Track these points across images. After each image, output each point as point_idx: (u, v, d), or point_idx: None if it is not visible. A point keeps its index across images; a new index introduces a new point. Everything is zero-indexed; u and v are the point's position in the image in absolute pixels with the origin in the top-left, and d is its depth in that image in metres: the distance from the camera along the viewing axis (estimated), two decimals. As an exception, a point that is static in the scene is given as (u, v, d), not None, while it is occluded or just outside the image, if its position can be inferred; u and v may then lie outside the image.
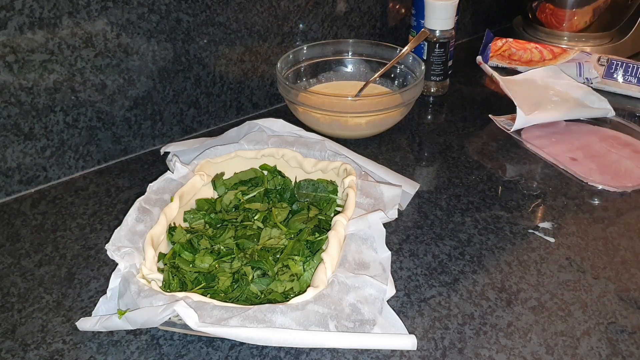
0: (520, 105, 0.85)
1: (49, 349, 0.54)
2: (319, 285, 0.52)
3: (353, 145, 0.77)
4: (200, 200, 0.68)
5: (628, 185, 0.74)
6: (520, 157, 0.82)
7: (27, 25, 0.68)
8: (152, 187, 0.66)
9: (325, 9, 0.98)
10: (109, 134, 0.81)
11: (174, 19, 0.80)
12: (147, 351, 0.53)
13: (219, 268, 0.59)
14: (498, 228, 0.68)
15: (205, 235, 0.62)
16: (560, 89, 0.93)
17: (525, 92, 0.91)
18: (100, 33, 0.74)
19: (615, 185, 0.74)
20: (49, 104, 0.74)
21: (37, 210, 0.73)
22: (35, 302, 0.59)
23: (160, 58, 0.81)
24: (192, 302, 0.51)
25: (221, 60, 0.88)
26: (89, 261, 0.65)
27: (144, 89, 0.82)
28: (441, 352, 0.53)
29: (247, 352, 0.53)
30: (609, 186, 0.74)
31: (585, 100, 0.91)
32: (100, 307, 0.56)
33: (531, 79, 0.96)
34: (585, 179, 0.75)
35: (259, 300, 0.55)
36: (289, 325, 0.49)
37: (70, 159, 0.79)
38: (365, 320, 0.51)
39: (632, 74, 0.96)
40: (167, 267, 0.58)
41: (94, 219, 0.71)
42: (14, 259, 0.65)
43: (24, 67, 0.70)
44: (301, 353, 0.53)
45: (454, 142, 0.86)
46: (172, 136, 0.88)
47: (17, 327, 0.56)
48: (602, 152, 0.81)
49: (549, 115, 0.86)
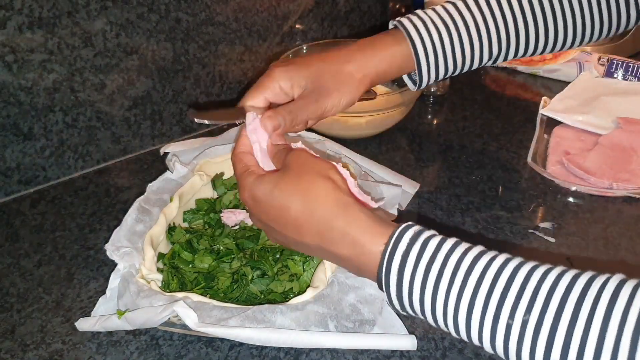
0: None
1: (48, 349, 0.54)
2: (318, 285, 0.52)
3: (353, 145, 0.77)
4: (199, 200, 0.67)
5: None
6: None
7: (27, 24, 0.68)
8: (151, 187, 0.66)
9: (325, 9, 0.98)
10: (108, 133, 0.81)
11: (173, 18, 0.80)
12: (146, 351, 0.53)
13: (218, 268, 0.58)
14: (498, 228, 0.68)
15: (204, 235, 0.62)
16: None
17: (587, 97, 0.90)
18: (100, 33, 0.74)
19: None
20: (48, 104, 0.74)
21: (37, 210, 0.73)
22: (34, 302, 0.59)
23: (160, 58, 0.81)
24: (192, 302, 0.51)
25: (221, 60, 0.88)
26: (89, 261, 0.65)
27: (143, 88, 0.82)
28: (441, 353, 0.53)
29: (247, 352, 0.53)
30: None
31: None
32: (99, 307, 0.56)
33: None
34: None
35: (258, 300, 0.55)
36: (288, 325, 0.49)
37: (69, 158, 0.79)
38: (365, 320, 0.51)
39: (633, 73, 0.96)
40: (167, 267, 0.58)
41: (94, 219, 0.71)
42: (13, 259, 0.65)
43: (23, 67, 0.70)
44: (301, 353, 0.53)
45: (454, 142, 0.86)
46: (172, 136, 0.88)
47: (17, 328, 0.56)
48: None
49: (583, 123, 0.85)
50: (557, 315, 0.36)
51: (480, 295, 0.39)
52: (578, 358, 0.34)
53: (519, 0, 0.60)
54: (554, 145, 0.82)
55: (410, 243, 0.42)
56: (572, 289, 0.36)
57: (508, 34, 0.60)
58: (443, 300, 0.40)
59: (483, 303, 0.38)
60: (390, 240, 0.43)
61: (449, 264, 0.40)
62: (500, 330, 0.38)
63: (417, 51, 0.59)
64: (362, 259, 0.44)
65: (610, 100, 0.89)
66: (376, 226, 0.44)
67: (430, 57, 0.60)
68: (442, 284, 0.40)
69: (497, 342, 0.38)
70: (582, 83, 0.93)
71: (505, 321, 0.37)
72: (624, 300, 0.34)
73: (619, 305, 0.34)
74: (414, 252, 0.42)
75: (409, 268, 0.41)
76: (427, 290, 0.41)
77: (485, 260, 0.40)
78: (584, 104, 0.88)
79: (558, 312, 0.36)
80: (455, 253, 0.41)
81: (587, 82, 0.94)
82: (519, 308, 0.37)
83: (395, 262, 0.42)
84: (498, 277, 0.39)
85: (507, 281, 0.38)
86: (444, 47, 0.60)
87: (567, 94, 0.91)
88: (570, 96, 0.91)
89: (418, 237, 0.42)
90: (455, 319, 0.40)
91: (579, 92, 0.92)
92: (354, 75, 0.57)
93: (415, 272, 0.41)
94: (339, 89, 0.56)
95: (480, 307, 0.39)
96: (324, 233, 0.45)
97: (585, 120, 0.84)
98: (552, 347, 0.36)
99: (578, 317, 0.35)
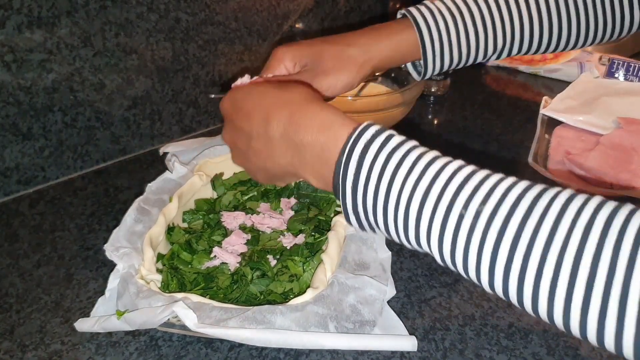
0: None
1: (47, 350, 0.54)
2: (318, 286, 0.52)
3: (353, 145, 0.77)
4: (199, 201, 0.67)
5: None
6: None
7: (26, 24, 0.68)
8: (151, 187, 0.65)
9: (325, 9, 0.98)
10: (107, 133, 0.81)
11: (173, 18, 0.80)
12: (146, 352, 0.53)
13: (218, 269, 0.58)
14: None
15: (204, 236, 0.62)
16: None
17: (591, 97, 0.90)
18: (99, 32, 0.74)
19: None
20: (47, 104, 0.73)
21: (36, 210, 0.73)
22: (33, 303, 0.59)
23: (159, 57, 0.81)
24: (191, 302, 0.50)
25: (220, 59, 0.88)
26: (88, 262, 0.64)
27: (142, 88, 0.81)
28: (442, 354, 0.52)
29: (247, 353, 0.53)
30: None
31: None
32: (98, 307, 0.56)
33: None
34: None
35: (258, 301, 0.55)
36: (288, 326, 0.49)
37: (68, 159, 0.78)
38: (366, 321, 0.51)
39: (634, 73, 0.95)
40: (166, 267, 0.58)
41: (93, 219, 0.71)
42: (12, 260, 0.65)
43: (22, 67, 0.70)
44: (301, 354, 0.53)
45: (454, 142, 0.85)
46: (171, 136, 0.88)
47: (16, 328, 0.56)
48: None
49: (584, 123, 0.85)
50: (512, 208, 0.34)
51: (435, 187, 0.37)
52: (527, 248, 0.33)
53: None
54: (555, 145, 0.82)
55: (377, 133, 0.41)
56: (530, 189, 0.35)
57: (513, 27, 0.60)
58: (398, 190, 0.39)
59: (438, 194, 0.37)
60: (358, 127, 0.41)
61: (409, 157, 0.39)
62: (452, 222, 0.36)
63: (423, 38, 0.59)
64: (327, 141, 0.42)
65: (611, 100, 0.89)
66: (347, 117, 0.43)
67: (436, 45, 0.60)
68: (400, 174, 0.39)
69: (446, 236, 0.37)
70: (583, 83, 0.93)
71: (458, 212, 0.36)
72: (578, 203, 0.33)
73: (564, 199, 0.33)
74: (378, 142, 0.40)
75: (370, 155, 0.40)
76: (384, 178, 0.39)
77: (446, 159, 0.39)
78: (584, 104, 0.88)
79: (513, 207, 0.34)
80: (417, 150, 0.40)
81: (587, 82, 0.94)
82: (474, 199, 0.35)
83: (359, 146, 0.40)
84: (456, 173, 0.37)
85: (465, 178, 0.37)
86: (449, 36, 0.60)
87: (568, 94, 0.91)
88: (571, 96, 0.91)
89: (384, 130, 0.41)
90: (406, 211, 0.38)
91: (580, 93, 0.91)
92: (355, 58, 0.57)
93: (376, 160, 0.40)
94: (337, 69, 0.56)
95: (434, 199, 0.37)
96: (294, 116, 0.44)
97: (586, 120, 0.84)
98: (502, 237, 0.34)
99: (534, 210, 0.33)
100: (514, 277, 0.34)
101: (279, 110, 0.45)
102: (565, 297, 0.32)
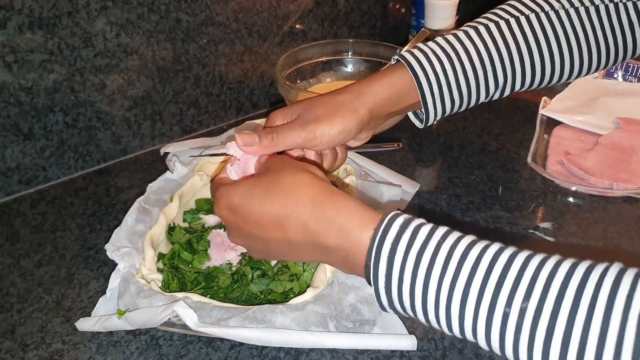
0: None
1: (48, 349, 0.54)
2: (318, 285, 0.52)
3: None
4: (199, 201, 0.67)
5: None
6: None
7: (27, 25, 0.68)
8: (151, 187, 0.66)
9: (325, 9, 0.98)
10: (108, 134, 0.81)
11: (173, 18, 0.80)
12: (146, 351, 0.53)
13: (218, 268, 0.58)
14: (498, 228, 0.68)
15: (204, 236, 0.62)
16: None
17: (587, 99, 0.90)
18: (100, 33, 0.74)
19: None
20: (48, 104, 0.74)
21: (37, 210, 0.73)
22: (34, 303, 0.59)
23: (160, 58, 0.81)
24: (192, 302, 0.51)
25: (221, 60, 0.88)
26: (89, 261, 0.65)
27: (143, 88, 0.82)
28: (441, 353, 0.53)
29: (247, 352, 0.53)
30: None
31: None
32: (99, 307, 0.56)
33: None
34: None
35: (258, 300, 0.55)
36: (288, 325, 0.49)
37: (69, 159, 0.79)
38: (365, 320, 0.51)
39: (633, 73, 0.96)
40: (167, 267, 0.58)
41: (94, 219, 0.71)
42: (13, 259, 0.65)
43: (23, 67, 0.70)
44: (301, 353, 0.53)
45: (454, 142, 0.86)
46: (172, 136, 0.88)
47: (17, 328, 0.56)
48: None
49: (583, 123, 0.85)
50: (557, 301, 0.34)
51: (475, 283, 0.37)
52: (581, 345, 0.33)
53: (521, 29, 0.58)
54: (554, 146, 0.82)
55: (401, 230, 0.40)
56: (573, 275, 0.35)
57: (512, 61, 0.58)
58: (435, 288, 0.38)
59: (478, 291, 0.36)
60: (380, 225, 0.41)
61: (441, 252, 0.39)
62: (497, 320, 0.36)
63: (418, 77, 0.57)
64: (351, 247, 0.42)
65: (610, 100, 0.89)
66: (365, 212, 0.43)
67: (432, 81, 0.57)
68: (435, 272, 0.38)
69: (493, 334, 0.36)
70: (582, 84, 0.93)
71: (502, 310, 0.35)
72: (627, 286, 0.33)
73: (622, 291, 0.33)
74: (405, 239, 0.40)
75: (399, 255, 0.39)
76: (418, 278, 0.39)
77: (479, 248, 0.38)
78: (584, 104, 0.89)
79: (558, 299, 0.34)
80: (448, 241, 0.39)
81: (587, 82, 0.94)
82: (517, 296, 0.35)
83: (385, 248, 0.40)
84: (493, 264, 0.37)
85: (504, 268, 0.36)
86: (446, 73, 0.57)
87: (567, 94, 0.91)
88: (570, 96, 0.91)
89: (409, 224, 0.40)
90: (448, 309, 0.38)
91: (579, 93, 0.92)
92: (347, 103, 0.55)
93: (406, 260, 0.39)
94: (330, 116, 0.53)
95: (475, 296, 0.37)
96: (309, 224, 0.43)
97: (585, 121, 0.84)
98: (552, 336, 0.34)
99: (580, 304, 0.33)
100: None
101: (291, 220, 0.44)
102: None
